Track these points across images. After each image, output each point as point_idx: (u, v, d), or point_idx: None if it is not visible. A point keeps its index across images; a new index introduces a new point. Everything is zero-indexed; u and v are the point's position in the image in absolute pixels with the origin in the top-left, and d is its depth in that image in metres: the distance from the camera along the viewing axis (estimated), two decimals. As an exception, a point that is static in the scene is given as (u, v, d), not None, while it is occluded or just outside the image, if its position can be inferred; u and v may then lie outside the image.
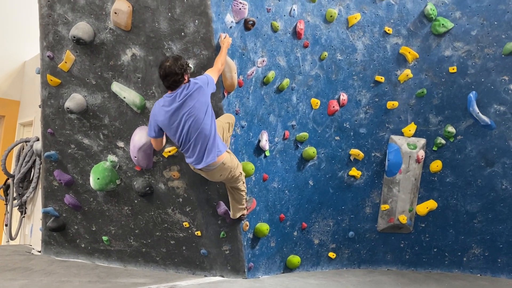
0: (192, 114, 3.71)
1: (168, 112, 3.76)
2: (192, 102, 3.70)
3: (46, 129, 4.90)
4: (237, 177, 4.11)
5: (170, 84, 3.73)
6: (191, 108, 3.70)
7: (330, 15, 5.02)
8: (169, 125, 3.79)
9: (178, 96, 3.73)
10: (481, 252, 5.47)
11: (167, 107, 3.76)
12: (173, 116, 3.75)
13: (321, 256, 5.48)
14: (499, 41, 5.15)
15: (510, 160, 5.27)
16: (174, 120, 3.76)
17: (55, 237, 5.33)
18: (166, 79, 3.73)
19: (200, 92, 3.74)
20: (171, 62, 3.71)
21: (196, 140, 3.76)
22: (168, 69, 3.69)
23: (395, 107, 5.39)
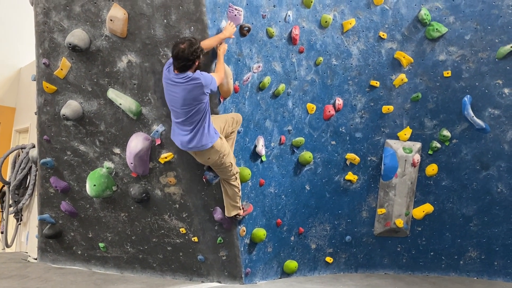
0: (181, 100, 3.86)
1: (168, 80, 3.91)
2: (183, 93, 3.83)
3: (42, 136, 4.89)
4: (226, 166, 4.17)
5: (179, 66, 3.81)
6: (181, 95, 3.84)
7: (325, 21, 5.05)
8: (166, 89, 3.96)
9: (179, 77, 3.83)
10: (478, 255, 5.49)
11: (168, 76, 3.90)
12: (170, 87, 3.91)
13: (318, 260, 5.48)
14: (492, 45, 5.19)
15: (505, 163, 5.30)
16: (169, 90, 3.93)
17: (52, 244, 5.31)
18: (177, 61, 3.80)
19: (195, 89, 3.81)
20: (186, 46, 3.75)
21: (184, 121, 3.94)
22: (181, 53, 3.76)
23: (390, 111, 5.42)
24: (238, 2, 4.37)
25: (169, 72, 3.92)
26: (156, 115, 4.42)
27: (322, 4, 5.06)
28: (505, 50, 5.13)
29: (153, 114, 4.42)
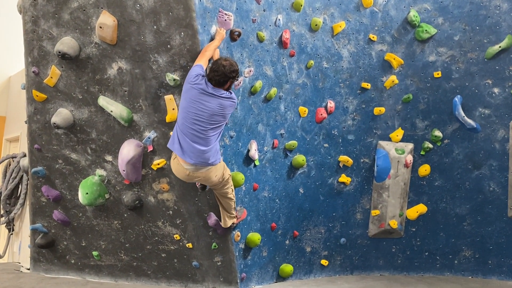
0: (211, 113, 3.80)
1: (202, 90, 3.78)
2: (217, 107, 3.80)
3: (32, 144, 4.85)
4: (228, 183, 4.17)
5: (215, 80, 3.81)
6: (214, 108, 3.80)
7: (315, 24, 5.07)
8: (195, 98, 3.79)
9: (217, 90, 3.82)
10: (472, 255, 5.52)
11: (203, 87, 3.79)
12: (203, 97, 3.78)
13: (313, 263, 5.48)
14: (481, 45, 5.24)
15: (497, 162, 5.34)
16: (201, 99, 3.78)
17: (44, 253, 5.26)
18: (214, 74, 3.80)
19: (229, 107, 3.88)
20: (228, 64, 3.82)
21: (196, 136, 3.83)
22: (222, 68, 3.79)
23: (382, 113, 5.44)
24: (228, 7, 4.37)
25: (205, 83, 3.81)
26: (147, 122, 4.40)
27: (311, 7, 5.08)
28: (493, 50, 5.18)
29: (144, 120, 4.41)
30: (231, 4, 4.41)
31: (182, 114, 3.86)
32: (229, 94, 3.90)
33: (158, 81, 4.26)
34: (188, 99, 3.83)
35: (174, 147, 3.91)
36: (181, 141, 3.85)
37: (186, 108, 3.83)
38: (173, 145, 3.93)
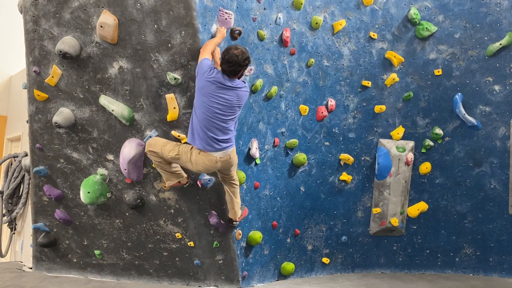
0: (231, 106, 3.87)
1: (218, 84, 3.80)
2: (235, 98, 3.87)
3: (34, 144, 4.86)
4: (235, 165, 4.22)
5: (229, 70, 3.82)
6: (233, 100, 3.86)
7: (316, 22, 5.07)
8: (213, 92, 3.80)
9: (233, 82, 3.86)
10: (473, 252, 5.53)
11: (220, 80, 3.80)
12: (222, 90, 3.82)
13: (315, 262, 5.49)
14: (482, 43, 5.24)
15: (498, 160, 5.34)
16: (220, 93, 3.81)
17: (46, 252, 5.28)
18: (228, 65, 3.80)
19: (245, 95, 3.96)
20: (239, 53, 3.80)
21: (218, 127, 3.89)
22: (235, 58, 3.78)
23: (382, 111, 5.44)
24: (228, 6, 4.38)
25: (222, 76, 3.83)
26: (149, 121, 4.41)
27: (312, 6, 5.08)
28: (494, 48, 5.18)
29: (145, 119, 4.42)
30: (231, 3, 4.41)
31: (202, 109, 3.84)
32: (243, 83, 3.96)
33: (159, 80, 4.27)
34: (207, 94, 3.82)
35: (196, 143, 3.91)
36: (203, 134, 3.87)
37: (206, 103, 3.82)
38: (195, 141, 3.92)
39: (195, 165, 4.01)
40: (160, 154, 4.14)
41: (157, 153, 4.15)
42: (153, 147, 4.18)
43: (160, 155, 4.14)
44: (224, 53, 3.85)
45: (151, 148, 4.19)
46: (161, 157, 4.16)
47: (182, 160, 4.05)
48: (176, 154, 4.06)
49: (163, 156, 4.13)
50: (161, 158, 4.17)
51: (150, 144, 4.21)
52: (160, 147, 4.14)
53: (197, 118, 3.89)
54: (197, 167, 4.03)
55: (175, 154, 4.07)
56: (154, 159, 4.23)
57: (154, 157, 4.21)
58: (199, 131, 3.88)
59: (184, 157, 4.03)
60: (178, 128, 4.35)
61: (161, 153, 4.13)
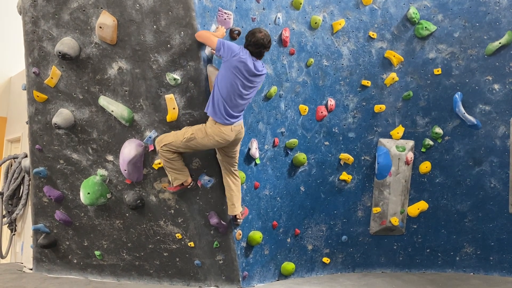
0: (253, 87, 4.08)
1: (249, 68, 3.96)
2: (258, 82, 4.10)
3: (34, 145, 4.86)
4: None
5: (257, 52, 4.01)
6: (256, 84, 4.09)
7: (315, 22, 5.07)
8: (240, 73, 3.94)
9: (260, 65, 4.07)
10: (473, 251, 5.52)
11: (254, 66, 4.00)
12: (252, 77, 4.01)
13: (315, 261, 5.49)
14: (481, 42, 5.24)
15: (498, 159, 5.34)
16: (250, 79, 4.00)
17: (47, 254, 5.28)
18: (256, 47, 3.99)
19: (262, 82, 4.21)
20: (264, 35, 4.00)
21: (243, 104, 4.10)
22: (262, 41, 3.97)
23: (382, 110, 5.44)
24: (227, 6, 4.38)
25: (254, 61, 4.00)
26: (148, 121, 4.41)
27: (311, 5, 5.08)
28: (493, 47, 5.18)
29: (145, 120, 4.42)
30: (230, 3, 4.41)
31: (227, 86, 3.94)
32: (264, 69, 4.13)
33: (159, 81, 4.27)
34: (236, 73, 3.94)
35: (217, 116, 3.99)
36: (223, 108, 3.98)
37: (233, 81, 3.94)
38: (216, 114, 4.00)
39: (211, 138, 4.04)
40: (174, 144, 4.12)
41: (171, 143, 4.12)
42: (165, 140, 4.16)
43: (174, 144, 4.12)
44: (250, 37, 4.00)
45: (163, 142, 4.16)
46: (176, 146, 4.12)
47: (198, 138, 4.05)
48: (191, 133, 4.07)
49: (177, 144, 4.10)
50: (175, 150, 4.15)
51: (160, 140, 4.19)
52: (172, 136, 4.15)
53: (220, 93, 3.97)
54: (213, 140, 4.04)
55: (190, 133, 4.07)
56: (166, 155, 4.18)
57: (167, 153, 4.17)
58: (220, 105, 3.98)
59: (199, 133, 4.06)
60: (178, 128, 4.34)
61: (175, 142, 4.11)
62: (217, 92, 3.98)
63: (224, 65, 3.96)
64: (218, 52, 3.97)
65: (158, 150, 4.23)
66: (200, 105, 4.26)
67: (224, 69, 3.96)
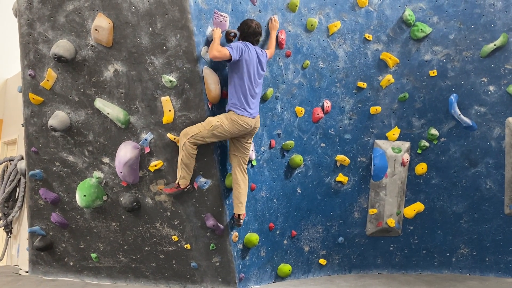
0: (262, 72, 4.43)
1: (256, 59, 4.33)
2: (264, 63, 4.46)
3: (30, 147, 4.85)
4: None
5: (254, 40, 4.41)
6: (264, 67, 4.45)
7: (311, 24, 5.08)
8: (253, 63, 4.29)
9: (260, 51, 4.41)
10: (469, 252, 5.54)
11: (260, 56, 4.38)
12: (260, 66, 4.38)
13: (311, 263, 5.49)
14: (476, 44, 5.26)
15: (493, 160, 5.36)
16: (258, 65, 4.35)
17: (43, 256, 5.27)
18: (253, 36, 4.38)
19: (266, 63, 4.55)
20: (257, 24, 4.41)
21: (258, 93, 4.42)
22: (258, 29, 4.40)
23: (378, 112, 5.46)
24: (223, 8, 4.39)
25: (261, 51, 4.39)
26: (144, 123, 4.41)
27: (307, 7, 5.10)
28: (488, 48, 5.20)
29: (141, 122, 4.41)
30: (226, 5, 4.42)
31: (245, 79, 4.23)
32: (263, 51, 4.47)
33: (154, 83, 4.27)
34: (250, 65, 4.25)
35: (245, 112, 4.23)
36: (245, 101, 4.23)
37: (249, 71, 4.25)
38: (244, 111, 4.22)
39: (235, 123, 4.21)
40: (200, 134, 4.16)
41: (197, 134, 4.16)
42: (191, 132, 4.19)
43: (201, 134, 4.16)
44: (246, 28, 4.35)
45: (189, 134, 4.18)
46: (202, 137, 4.17)
47: (224, 124, 4.18)
48: (217, 120, 4.18)
49: (204, 133, 4.16)
50: (201, 141, 4.19)
51: (186, 133, 4.20)
52: (198, 127, 4.19)
53: (240, 89, 4.22)
54: (237, 125, 4.22)
55: (216, 121, 4.17)
56: (190, 150, 4.19)
57: (192, 148, 4.19)
58: (242, 100, 4.23)
59: (224, 120, 4.20)
60: (174, 130, 4.35)
61: (202, 132, 4.16)
62: (234, 91, 4.23)
63: (237, 63, 4.20)
64: (234, 59, 4.14)
65: (184, 143, 4.19)
66: (196, 107, 4.26)
67: (238, 67, 4.21)
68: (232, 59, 4.13)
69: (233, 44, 4.19)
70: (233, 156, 4.45)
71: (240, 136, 4.35)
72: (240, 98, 4.23)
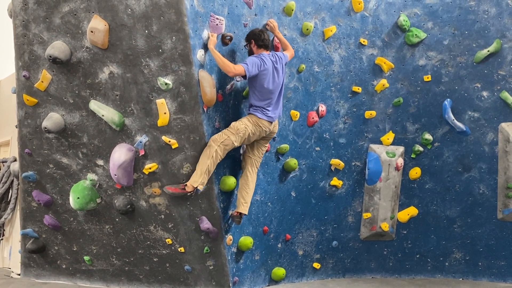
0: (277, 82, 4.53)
1: (272, 66, 4.45)
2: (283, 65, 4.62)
3: (23, 149, 4.82)
4: None
5: (267, 47, 4.54)
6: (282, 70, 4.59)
7: (306, 28, 5.10)
8: (269, 73, 4.41)
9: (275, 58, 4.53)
10: (462, 257, 5.57)
11: (274, 62, 4.48)
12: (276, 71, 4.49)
13: (305, 267, 5.49)
14: (470, 49, 5.31)
15: (486, 165, 5.40)
16: (274, 72, 4.47)
17: (35, 259, 5.23)
18: (266, 43, 4.51)
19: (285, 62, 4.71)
20: (266, 33, 4.56)
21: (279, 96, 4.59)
22: (268, 38, 4.55)
23: (373, 116, 5.48)
24: (219, 12, 4.39)
25: (276, 58, 4.50)
26: (139, 126, 4.40)
27: (303, 12, 5.12)
28: (482, 54, 5.25)
29: (136, 124, 4.40)
30: (222, 9, 4.43)
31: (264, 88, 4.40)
32: (275, 54, 4.57)
33: (150, 85, 4.27)
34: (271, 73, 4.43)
35: (264, 116, 4.42)
36: (265, 107, 4.44)
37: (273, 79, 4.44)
38: (262, 115, 4.42)
39: (257, 126, 4.42)
40: (230, 140, 4.28)
41: (227, 140, 4.27)
42: (221, 138, 4.28)
43: (230, 140, 4.28)
44: (258, 38, 4.47)
45: (219, 141, 4.27)
46: (231, 142, 4.29)
47: (249, 127, 4.38)
48: (242, 124, 4.37)
49: (232, 138, 4.29)
50: (231, 145, 4.31)
51: (215, 140, 4.28)
52: (226, 133, 4.31)
53: (258, 96, 4.42)
54: (259, 128, 4.43)
55: (241, 124, 4.37)
56: (221, 153, 4.29)
57: (221, 154, 4.29)
58: (261, 104, 4.43)
59: (248, 123, 4.40)
60: (169, 133, 4.34)
61: (230, 137, 4.29)
62: (256, 95, 4.43)
63: (254, 76, 4.35)
64: (248, 76, 4.30)
65: (216, 150, 4.25)
66: (191, 110, 4.26)
67: (255, 78, 4.37)
68: (247, 76, 4.31)
69: (249, 60, 4.31)
70: (247, 157, 4.64)
71: (258, 139, 4.54)
72: (259, 103, 4.44)
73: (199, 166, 4.25)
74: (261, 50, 4.50)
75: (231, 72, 4.23)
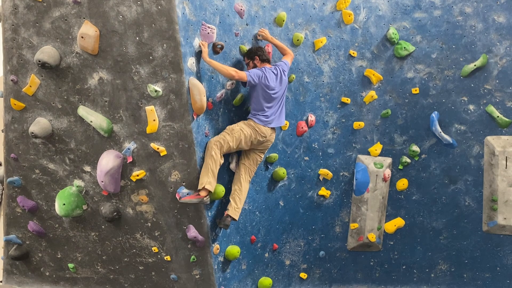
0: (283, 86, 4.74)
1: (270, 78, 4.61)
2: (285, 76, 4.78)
3: (9, 154, 4.76)
4: None
5: (268, 61, 4.74)
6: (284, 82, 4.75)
7: (297, 39, 5.15)
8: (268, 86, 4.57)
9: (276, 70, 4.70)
10: (448, 268, 5.60)
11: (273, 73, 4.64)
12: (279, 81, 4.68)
13: (292, 277, 5.48)
14: (457, 63, 5.39)
15: (472, 177, 5.46)
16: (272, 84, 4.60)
17: (18, 266, 5.13)
18: (267, 58, 4.72)
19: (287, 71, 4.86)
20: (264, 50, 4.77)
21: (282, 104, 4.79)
22: (267, 53, 4.82)
23: (361, 127, 5.53)
24: (211, 20, 4.41)
25: (278, 70, 4.66)
26: (127, 133, 4.38)
27: (293, 23, 5.16)
28: (469, 68, 5.34)
29: (124, 131, 4.38)
30: (214, 18, 4.45)
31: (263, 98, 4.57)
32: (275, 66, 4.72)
33: (139, 92, 4.26)
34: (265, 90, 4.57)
35: (261, 122, 4.57)
36: (263, 114, 4.59)
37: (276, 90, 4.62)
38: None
39: (253, 131, 4.56)
40: (226, 140, 4.41)
41: (223, 140, 4.40)
42: (218, 139, 4.42)
43: (227, 141, 4.41)
44: (261, 53, 4.68)
45: (217, 141, 4.40)
46: (227, 143, 4.41)
47: (244, 129, 4.52)
48: (238, 126, 4.53)
49: (228, 138, 4.42)
50: (226, 147, 4.41)
51: (214, 141, 4.41)
52: (223, 135, 4.46)
53: (258, 104, 4.59)
54: (254, 134, 4.56)
55: (237, 126, 4.52)
56: (218, 157, 4.38)
57: (219, 154, 4.39)
58: (259, 111, 4.59)
59: (245, 126, 4.54)
60: (158, 140, 4.33)
61: (226, 138, 4.42)
62: (256, 103, 4.60)
63: (257, 87, 4.54)
64: (250, 84, 4.51)
65: (214, 150, 4.35)
66: (180, 117, 4.25)
67: (256, 88, 4.56)
68: (247, 84, 4.53)
69: (252, 71, 4.51)
70: (242, 165, 4.73)
71: (255, 145, 4.63)
72: (258, 109, 4.61)
73: (203, 168, 4.37)
74: (264, 64, 4.67)
75: (234, 76, 4.39)
